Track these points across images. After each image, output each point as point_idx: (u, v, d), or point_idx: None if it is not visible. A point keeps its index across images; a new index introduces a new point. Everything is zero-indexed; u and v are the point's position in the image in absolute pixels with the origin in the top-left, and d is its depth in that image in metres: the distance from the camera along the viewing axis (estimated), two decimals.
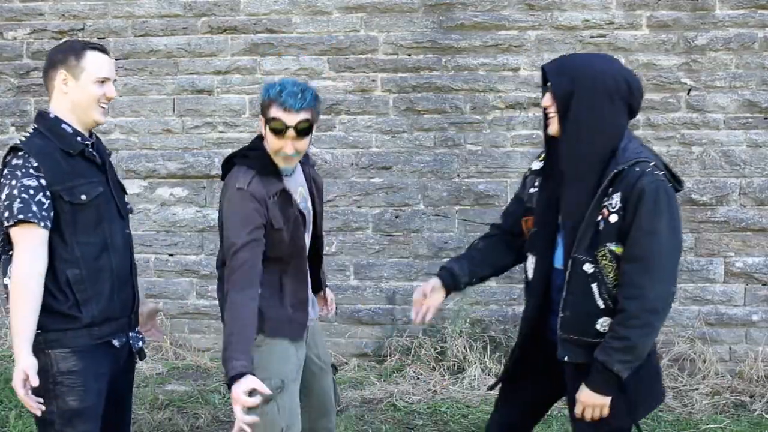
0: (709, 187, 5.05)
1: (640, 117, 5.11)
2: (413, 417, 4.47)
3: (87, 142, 2.61)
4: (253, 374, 2.47)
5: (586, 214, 2.41)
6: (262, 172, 2.65)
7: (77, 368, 2.52)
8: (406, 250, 5.29)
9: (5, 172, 2.51)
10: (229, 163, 2.77)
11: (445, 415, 4.48)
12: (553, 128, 2.51)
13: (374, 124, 5.26)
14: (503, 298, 5.24)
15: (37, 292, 2.43)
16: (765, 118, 5.06)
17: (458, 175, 5.25)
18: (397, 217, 5.28)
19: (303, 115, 2.60)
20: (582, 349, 2.47)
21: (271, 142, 2.65)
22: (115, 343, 2.63)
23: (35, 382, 2.38)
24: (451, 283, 2.75)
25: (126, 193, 2.85)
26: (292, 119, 2.59)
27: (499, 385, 2.90)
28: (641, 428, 2.57)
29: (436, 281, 2.75)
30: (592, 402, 2.46)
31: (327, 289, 3.14)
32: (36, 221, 2.43)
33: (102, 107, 2.61)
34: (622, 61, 5.08)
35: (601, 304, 2.43)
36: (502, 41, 5.16)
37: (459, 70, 5.20)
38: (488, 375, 4.93)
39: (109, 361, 2.62)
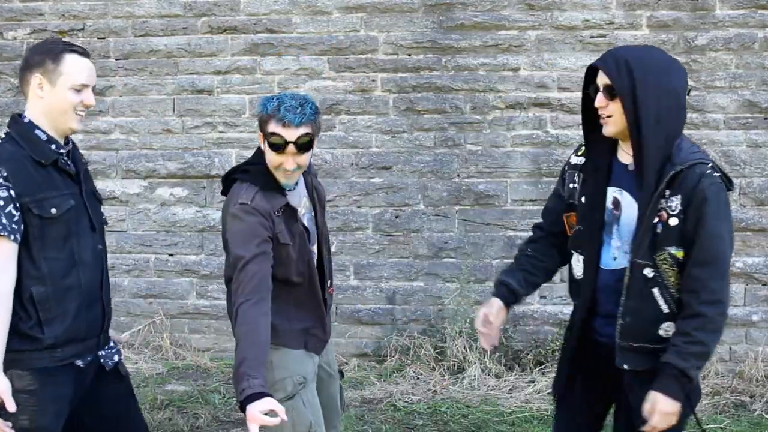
0: None
1: None
2: (413, 417, 4.47)
3: (62, 151, 2.47)
4: (270, 395, 2.37)
5: (645, 217, 2.35)
6: (264, 187, 2.58)
7: (32, 388, 2.38)
8: (406, 250, 5.29)
9: None
10: (228, 179, 2.71)
11: (445, 415, 4.48)
12: (609, 129, 2.41)
13: (374, 124, 5.26)
14: None
15: (7, 309, 2.31)
16: (765, 118, 5.06)
17: (458, 175, 5.25)
18: (397, 217, 5.29)
19: (303, 130, 2.52)
20: (643, 355, 2.41)
21: (271, 158, 2.57)
22: (79, 363, 2.49)
23: (11, 407, 2.32)
24: (512, 298, 2.70)
25: (102, 204, 2.70)
26: (291, 135, 2.50)
27: (554, 399, 2.81)
28: (701, 421, 2.54)
29: (497, 302, 2.68)
30: (669, 410, 2.35)
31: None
32: (6, 234, 2.30)
33: (79, 114, 2.47)
34: None
35: (665, 308, 2.38)
36: (502, 41, 5.16)
37: (459, 70, 5.20)
38: (488, 375, 4.93)
39: (71, 382, 2.48)
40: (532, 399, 4.66)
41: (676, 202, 2.32)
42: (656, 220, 2.34)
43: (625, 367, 2.44)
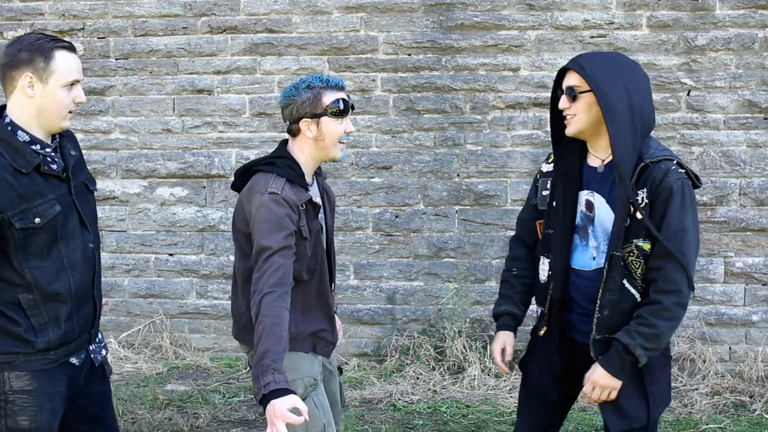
0: (709, 187, 5.05)
1: None
2: (413, 417, 4.47)
3: (47, 149, 2.37)
4: (294, 391, 2.35)
5: (621, 211, 2.42)
6: (291, 180, 2.59)
7: (30, 388, 2.36)
8: (406, 250, 5.29)
9: None
10: (247, 172, 2.68)
11: (444, 415, 4.48)
12: (572, 129, 2.51)
13: (374, 123, 5.26)
14: None
15: None
16: (765, 118, 5.06)
17: (458, 175, 5.25)
18: (397, 216, 5.29)
19: (344, 93, 2.66)
20: None
21: (334, 129, 2.61)
22: (74, 361, 2.48)
23: None
24: (516, 323, 2.86)
25: (93, 192, 2.59)
26: (340, 95, 2.63)
27: (518, 393, 2.92)
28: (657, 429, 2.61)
29: (506, 335, 2.81)
30: (604, 383, 2.49)
31: (336, 315, 2.96)
32: None
33: (71, 113, 2.39)
34: None
35: (638, 297, 2.48)
36: (502, 41, 5.16)
37: (459, 70, 5.20)
38: (488, 375, 4.93)
39: (66, 378, 2.46)
40: None
41: (642, 196, 2.41)
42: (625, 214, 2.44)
43: (601, 358, 2.52)
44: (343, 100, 2.62)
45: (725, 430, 4.31)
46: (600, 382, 2.50)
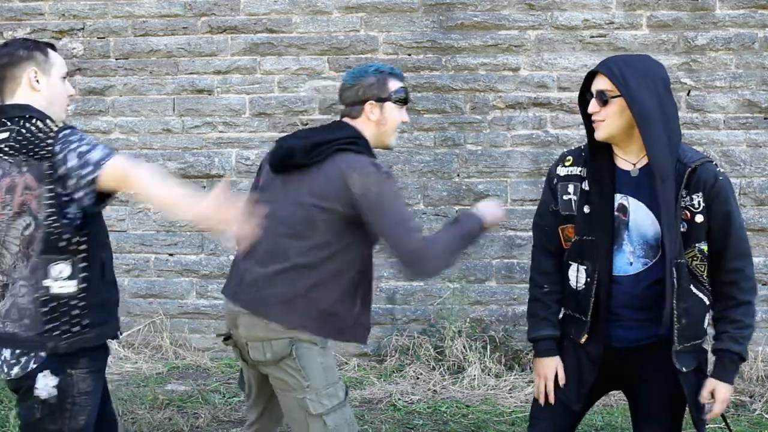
0: None
1: None
2: (413, 417, 4.47)
3: None
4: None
5: (676, 217, 2.41)
6: (372, 154, 2.64)
7: (91, 389, 2.40)
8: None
9: (66, 139, 2.28)
10: (316, 149, 2.54)
11: (444, 415, 4.48)
12: (602, 133, 2.47)
13: None
14: (503, 298, 5.24)
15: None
16: (765, 118, 5.06)
17: (458, 175, 5.25)
18: None
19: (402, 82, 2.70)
20: (693, 354, 2.56)
21: (395, 116, 2.65)
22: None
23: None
24: (558, 347, 2.69)
25: None
26: (400, 84, 2.66)
27: (534, 399, 2.84)
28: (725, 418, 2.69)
29: (554, 360, 2.66)
30: (728, 396, 2.57)
31: None
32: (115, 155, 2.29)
33: (67, 105, 2.55)
34: None
35: (706, 300, 2.53)
36: (502, 41, 5.16)
37: (459, 70, 5.20)
38: (488, 375, 4.92)
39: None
40: (532, 399, 4.65)
41: (697, 200, 2.42)
42: (681, 219, 2.44)
43: (684, 370, 2.52)
44: (405, 89, 2.68)
45: (725, 430, 4.30)
46: (727, 397, 2.54)
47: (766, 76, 5.03)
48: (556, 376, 2.65)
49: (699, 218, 2.42)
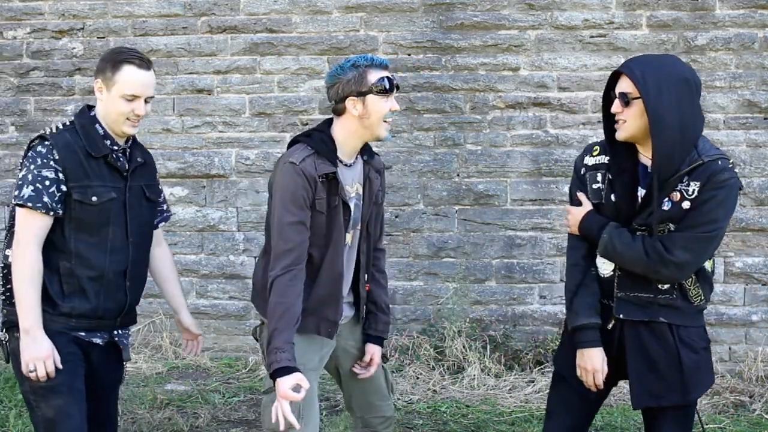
0: None
1: None
2: (413, 417, 4.47)
3: (115, 147, 2.69)
4: (298, 369, 2.45)
5: (651, 197, 2.48)
6: (320, 152, 2.63)
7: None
8: (406, 250, 5.29)
9: (29, 154, 2.62)
10: (292, 142, 2.77)
11: (444, 415, 4.48)
12: (622, 134, 2.53)
13: None
14: (503, 297, 5.24)
15: (39, 273, 2.56)
16: (765, 118, 5.06)
17: (458, 175, 5.25)
18: (397, 216, 5.29)
19: (388, 72, 2.68)
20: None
21: (379, 108, 2.63)
22: (96, 340, 2.74)
23: (59, 363, 2.57)
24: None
25: (156, 202, 2.92)
26: (384, 74, 2.65)
27: (550, 393, 2.87)
28: (699, 412, 2.67)
29: (601, 352, 2.63)
30: None
31: (369, 344, 2.99)
32: (44, 212, 2.56)
33: (130, 121, 2.66)
34: (622, 60, 5.09)
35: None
36: (502, 41, 5.16)
37: (459, 69, 5.20)
38: (488, 375, 4.92)
39: (80, 348, 2.69)
40: (531, 399, 4.66)
41: (693, 188, 2.47)
42: (667, 198, 2.48)
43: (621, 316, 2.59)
44: (388, 78, 2.65)
45: (725, 430, 4.31)
46: None
47: (766, 76, 5.03)
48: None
49: (686, 204, 2.47)
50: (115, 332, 2.80)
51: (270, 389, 2.60)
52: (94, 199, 2.62)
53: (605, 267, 2.64)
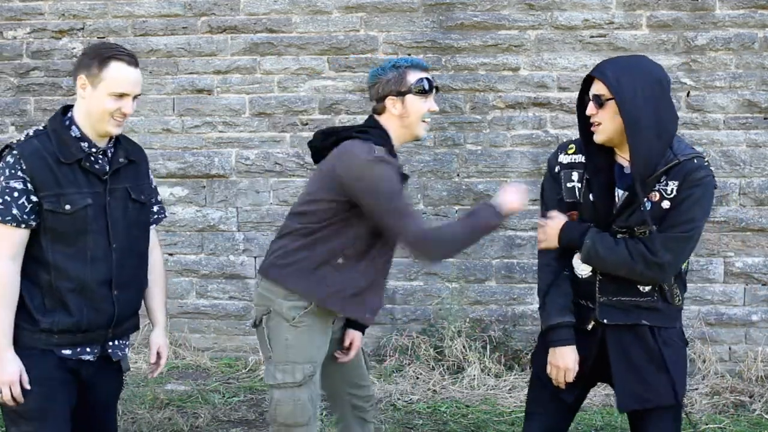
0: None
1: None
2: (413, 417, 4.47)
3: (93, 150, 2.53)
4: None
5: (633, 197, 2.49)
6: (389, 149, 2.69)
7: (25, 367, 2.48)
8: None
9: None
10: (329, 137, 2.77)
11: (444, 415, 4.48)
12: (600, 137, 2.54)
13: None
14: (503, 298, 5.24)
15: (11, 290, 2.44)
16: (765, 118, 5.06)
17: (458, 175, 5.25)
18: None
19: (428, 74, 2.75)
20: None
21: (418, 107, 2.72)
22: (85, 357, 2.58)
23: (26, 385, 2.44)
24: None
25: (144, 203, 2.70)
26: (425, 75, 2.72)
27: (528, 393, 2.90)
28: (687, 411, 2.64)
29: (574, 351, 2.64)
30: None
31: (350, 329, 2.99)
32: (15, 224, 2.43)
33: (116, 120, 2.52)
34: None
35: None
36: (502, 41, 5.16)
37: (459, 69, 5.20)
38: (487, 375, 4.93)
39: (65, 369, 2.54)
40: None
41: (672, 187, 2.49)
42: (646, 199, 2.49)
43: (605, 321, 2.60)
44: (428, 79, 2.72)
45: (725, 430, 4.31)
46: None
47: (766, 76, 5.03)
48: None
49: (666, 204, 2.49)
50: (109, 344, 2.64)
51: (281, 384, 2.62)
52: (67, 207, 2.46)
53: (583, 268, 2.64)
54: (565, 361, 2.62)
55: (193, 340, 5.46)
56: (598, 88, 2.51)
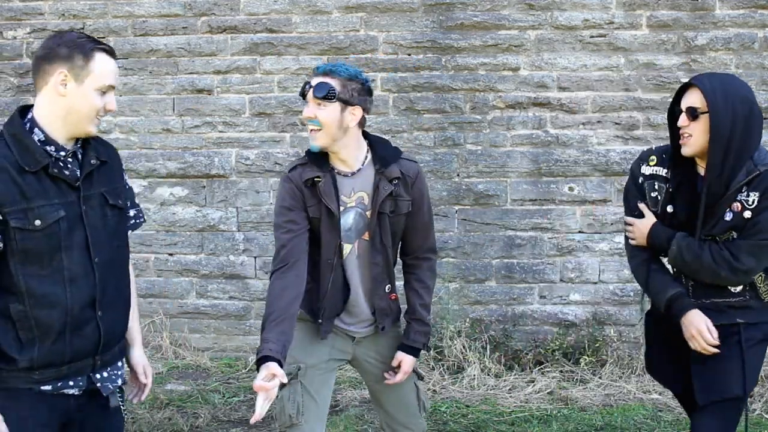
0: None
1: (640, 117, 5.11)
2: None
3: (60, 153, 2.21)
4: (279, 360, 2.43)
5: (712, 207, 2.57)
6: (311, 159, 2.70)
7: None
8: None
9: None
10: None
11: (444, 415, 4.48)
12: (689, 150, 2.59)
13: (374, 123, 5.26)
14: (503, 298, 5.24)
15: None
16: (765, 118, 5.05)
17: (458, 175, 5.25)
18: None
19: (322, 78, 2.62)
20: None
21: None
22: (69, 391, 2.25)
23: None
24: None
25: (122, 208, 2.38)
26: (314, 80, 2.63)
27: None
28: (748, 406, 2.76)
29: (700, 313, 2.67)
30: None
31: (399, 351, 2.86)
32: None
33: (98, 119, 2.25)
34: (622, 60, 5.10)
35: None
36: (502, 41, 5.16)
37: (459, 69, 5.20)
38: (487, 375, 4.92)
39: (52, 408, 2.22)
40: (531, 399, 4.66)
41: (753, 197, 2.55)
42: (728, 209, 2.57)
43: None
44: (308, 83, 2.65)
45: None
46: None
47: (766, 76, 5.03)
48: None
49: (747, 214, 2.55)
50: (96, 376, 2.30)
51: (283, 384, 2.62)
52: (37, 222, 2.12)
53: (673, 271, 2.78)
54: (698, 325, 2.61)
55: (193, 340, 5.46)
56: (694, 99, 2.56)
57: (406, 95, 5.23)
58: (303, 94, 2.65)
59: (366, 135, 2.77)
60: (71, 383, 2.25)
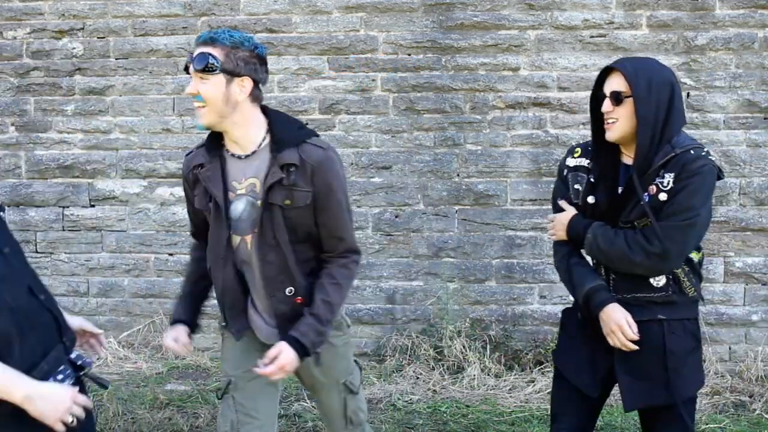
0: None
1: None
2: (413, 417, 4.47)
3: None
4: (185, 321, 2.80)
5: (632, 191, 2.51)
6: (207, 143, 2.45)
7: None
8: (406, 250, 5.29)
9: None
10: None
11: (444, 415, 4.48)
12: (613, 134, 2.55)
13: (374, 123, 5.26)
14: (503, 297, 5.24)
15: None
16: (765, 118, 5.06)
17: (458, 175, 5.25)
18: (396, 216, 5.29)
19: (203, 48, 2.30)
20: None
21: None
22: (67, 382, 2.16)
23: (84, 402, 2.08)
24: None
25: None
26: (195, 51, 2.31)
27: (553, 392, 2.85)
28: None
29: (619, 307, 2.59)
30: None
31: (282, 341, 2.42)
32: None
33: None
34: None
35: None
36: (502, 41, 5.16)
37: (459, 69, 5.20)
38: (487, 375, 4.93)
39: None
40: (531, 399, 4.66)
41: (668, 179, 2.48)
42: (645, 192, 2.50)
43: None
44: (190, 54, 2.34)
45: (725, 429, 4.31)
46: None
47: (766, 76, 5.03)
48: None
49: (663, 196, 2.48)
50: (73, 356, 2.22)
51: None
52: None
53: (593, 263, 2.71)
54: (617, 320, 2.55)
55: (193, 340, 5.44)
56: (617, 83, 2.51)
57: (406, 95, 5.22)
58: (186, 68, 2.33)
59: (267, 112, 2.44)
60: (60, 377, 2.14)
